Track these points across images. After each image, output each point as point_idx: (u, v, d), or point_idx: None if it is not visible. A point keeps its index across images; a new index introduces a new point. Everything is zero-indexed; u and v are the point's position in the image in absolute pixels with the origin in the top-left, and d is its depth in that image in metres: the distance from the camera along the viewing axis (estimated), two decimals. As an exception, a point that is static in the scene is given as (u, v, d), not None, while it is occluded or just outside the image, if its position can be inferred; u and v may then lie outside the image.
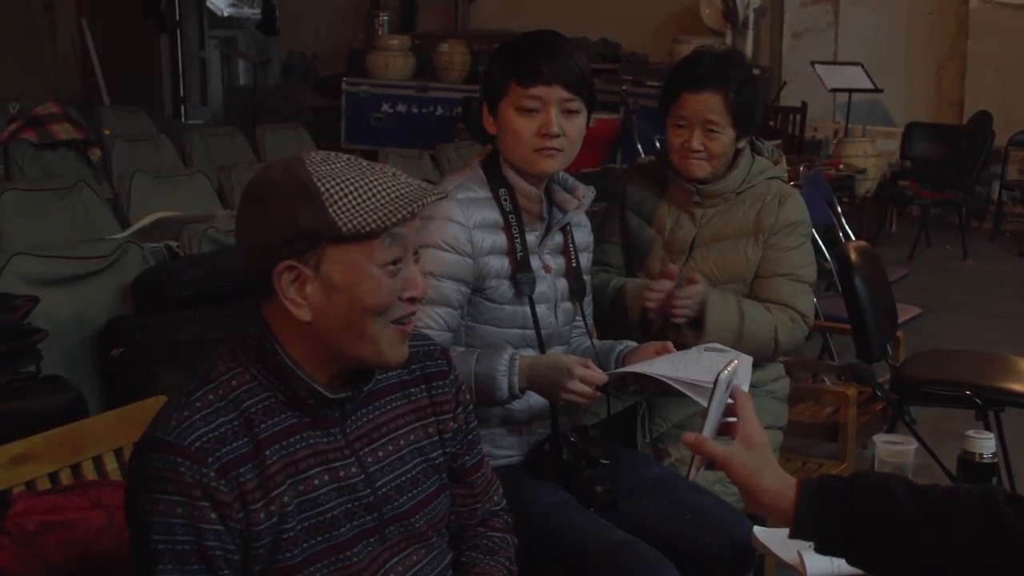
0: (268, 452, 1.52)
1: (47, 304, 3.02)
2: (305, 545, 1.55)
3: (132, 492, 1.51)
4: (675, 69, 2.76)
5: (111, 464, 2.03)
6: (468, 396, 1.83)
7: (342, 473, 1.60)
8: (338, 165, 1.53)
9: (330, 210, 1.49)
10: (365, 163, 1.56)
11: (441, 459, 1.75)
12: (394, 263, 1.54)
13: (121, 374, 3.13)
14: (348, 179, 1.51)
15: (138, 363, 3.09)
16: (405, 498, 1.67)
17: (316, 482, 1.57)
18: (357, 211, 1.49)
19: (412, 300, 1.58)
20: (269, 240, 1.52)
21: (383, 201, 1.50)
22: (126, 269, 3.35)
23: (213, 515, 1.47)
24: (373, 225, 1.49)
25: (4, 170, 5.72)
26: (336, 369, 1.59)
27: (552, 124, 2.23)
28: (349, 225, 1.49)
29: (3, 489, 1.87)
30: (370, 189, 1.51)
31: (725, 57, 2.72)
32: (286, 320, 1.54)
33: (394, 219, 1.50)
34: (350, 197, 1.49)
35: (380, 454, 1.65)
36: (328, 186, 1.50)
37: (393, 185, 1.52)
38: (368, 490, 1.62)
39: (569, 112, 2.26)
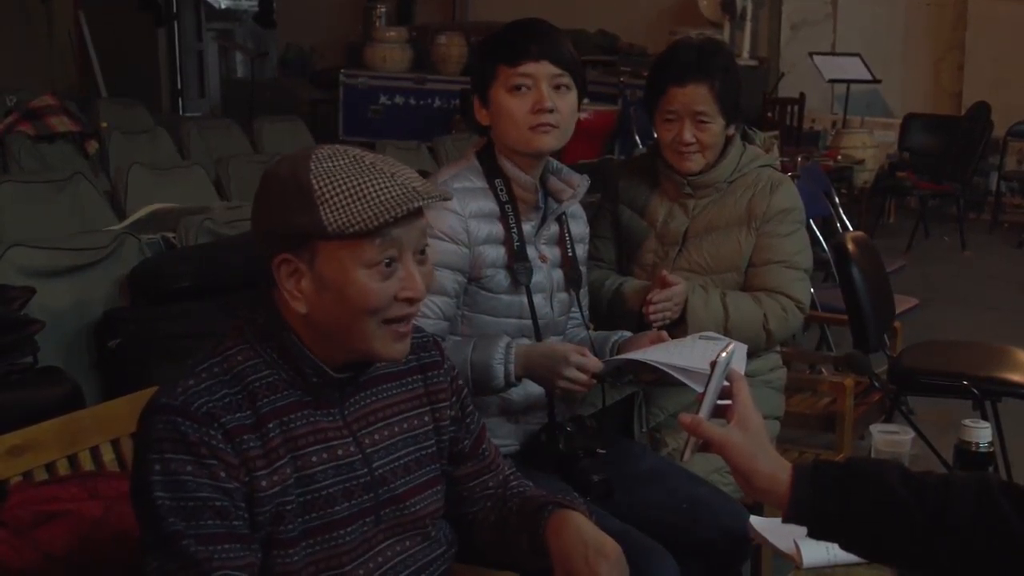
0: (270, 426, 1.55)
1: (44, 295, 3.03)
2: (300, 520, 1.57)
3: (140, 455, 1.52)
4: (657, 64, 2.76)
5: (108, 455, 2.03)
6: (462, 383, 1.85)
7: (340, 452, 1.62)
8: (341, 163, 1.53)
9: (320, 209, 1.50)
10: (370, 161, 1.55)
11: (434, 448, 1.76)
12: (388, 263, 1.54)
13: (118, 366, 3.13)
14: (342, 179, 1.51)
15: (135, 355, 3.09)
16: (400, 482, 1.69)
17: (314, 459, 1.59)
18: (345, 211, 1.50)
19: (409, 300, 1.58)
20: (268, 232, 1.56)
21: (372, 203, 1.50)
22: (123, 261, 3.35)
23: (223, 473, 1.49)
24: (359, 226, 1.50)
25: (1, 163, 5.71)
26: (343, 357, 1.61)
27: (545, 99, 2.23)
28: (335, 225, 1.50)
29: (0, 480, 1.87)
30: (362, 190, 1.51)
31: (705, 48, 2.71)
32: (289, 308, 1.57)
33: (379, 221, 1.50)
34: (340, 197, 1.50)
35: (376, 437, 1.67)
36: (321, 185, 1.51)
37: (387, 187, 1.52)
38: (365, 470, 1.64)
39: (560, 88, 2.26)
